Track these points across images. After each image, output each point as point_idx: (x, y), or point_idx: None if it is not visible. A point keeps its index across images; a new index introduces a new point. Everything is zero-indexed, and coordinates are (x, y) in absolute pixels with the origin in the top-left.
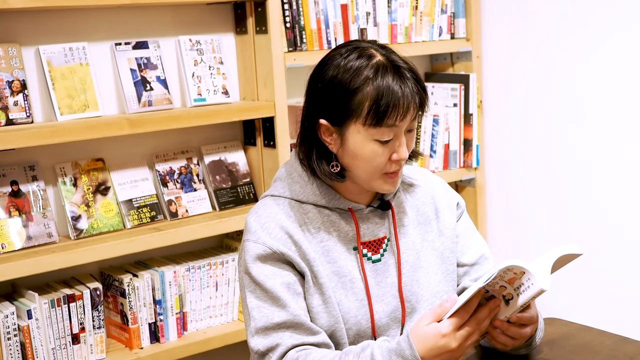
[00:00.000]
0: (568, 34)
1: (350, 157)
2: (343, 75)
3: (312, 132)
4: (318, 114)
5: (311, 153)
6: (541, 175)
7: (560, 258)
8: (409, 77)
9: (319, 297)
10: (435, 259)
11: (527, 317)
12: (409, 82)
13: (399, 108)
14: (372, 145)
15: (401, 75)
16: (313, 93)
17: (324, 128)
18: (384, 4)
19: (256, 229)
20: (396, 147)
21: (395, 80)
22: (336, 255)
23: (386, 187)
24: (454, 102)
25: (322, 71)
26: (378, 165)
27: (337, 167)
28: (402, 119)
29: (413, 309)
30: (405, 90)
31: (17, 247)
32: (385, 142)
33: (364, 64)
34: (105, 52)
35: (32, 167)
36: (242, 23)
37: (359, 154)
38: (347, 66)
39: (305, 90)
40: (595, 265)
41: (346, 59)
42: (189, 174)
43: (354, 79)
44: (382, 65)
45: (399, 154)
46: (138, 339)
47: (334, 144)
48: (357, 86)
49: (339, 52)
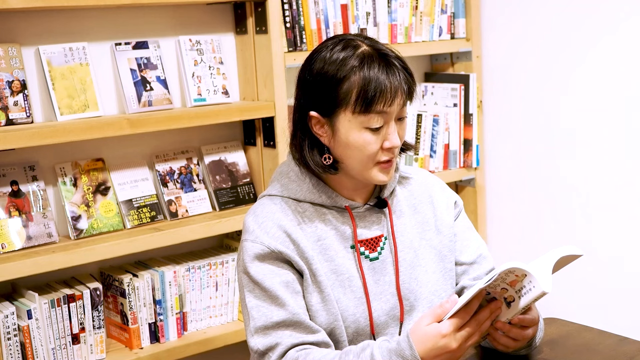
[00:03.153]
0: (568, 33)
1: (343, 148)
2: (329, 67)
3: (303, 125)
4: (308, 106)
5: (303, 146)
6: (541, 175)
7: (561, 259)
8: (396, 64)
9: (318, 296)
10: (433, 257)
11: (529, 318)
12: (395, 70)
13: (387, 93)
14: (363, 134)
15: (388, 62)
16: (302, 87)
17: (315, 120)
18: (384, 4)
19: (254, 228)
20: (387, 135)
21: (381, 67)
22: (334, 254)
23: (380, 177)
24: (454, 102)
25: (309, 65)
26: (371, 154)
27: (329, 160)
28: (390, 105)
29: (411, 307)
30: (392, 77)
31: (17, 247)
32: (376, 130)
33: (350, 54)
34: (105, 52)
35: (32, 167)
36: (242, 23)
37: (350, 143)
38: (333, 58)
39: (295, 85)
40: (595, 266)
41: (332, 51)
42: (189, 174)
43: (341, 68)
44: (368, 54)
45: (391, 141)
46: (138, 339)
47: (325, 135)
48: (344, 75)
49: (326, 45)
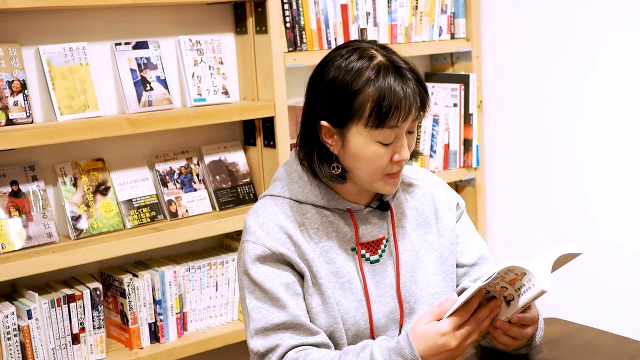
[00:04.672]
0: (568, 33)
1: (352, 159)
2: (344, 77)
3: (312, 133)
4: (319, 115)
5: (312, 155)
6: (541, 175)
7: (560, 257)
8: (410, 77)
9: (318, 298)
10: (434, 259)
11: (529, 317)
12: (410, 83)
13: (401, 109)
14: (374, 147)
15: (402, 75)
16: (313, 94)
17: (325, 129)
18: (384, 4)
19: (255, 229)
20: (398, 148)
21: (397, 81)
22: (334, 256)
23: (387, 188)
24: (454, 102)
25: (322, 72)
26: (380, 167)
27: (338, 169)
28: (404, 120)
29: (411, 309)
30: (407, 91)
31: (17, 247)
32: (387, 144)
33: (365, 65)
34: (105, 52)
35: (32, 167)
36: (242, 23)
37: (360, 155)
38: (349, 67)
39: (306, 91)
40: (595, 265)
41: (347, 60)
42: (189, 174)
43: (356, 80)
44: (384, 66)
45: (401, 155)
46: (138, 339)
47: (335, 145)
48: (358, 87)
49: (340, 53)
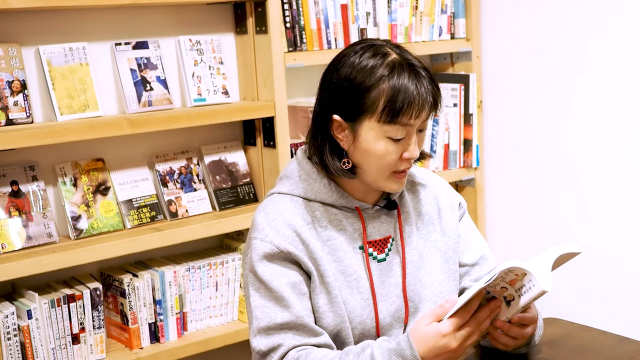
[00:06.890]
0: (567, 34)
1: (362, 154)
2: (358, 73)
3: (324, 127)
4: (331, 109)
5: (323, 149)
6: (541, 175)
7: (559, 257)
8: (424, 75)
9: (325, 297)
10: (438, 258)
11: (529, 317)
12: (424, 81)
13: (415, 106)
14: (385, 143)
15: (417, 73)
16: (327, 90)
17: (337, 124)
18: (384, 4)
19: (264, 226)
20: (407, 146)
21: (411, 78)
22: (342, 254)
23: (394, 186)
24: (454, 102)
25: (336, 68)
26: (389, 163)
27: (348, 164)
28: (417, 117)
29: (416, 308)
30: (421, 89)
31: (17, 247)
32: (398, 140)
33: (379, 62)
34: (105, 52)
35: (32, 167)
36: (242, 23)
37: (370, 150)
38: (362, 64)
39: (319, 86)
40: (595, 265)
41: (361, 57)
42: (189, 174)
43: (369, 76)
44: (398, 63)
45: (410, 152)
46: (138, 339)
47: (345, 140)
48: (372, 83)
49: (354, 49)
